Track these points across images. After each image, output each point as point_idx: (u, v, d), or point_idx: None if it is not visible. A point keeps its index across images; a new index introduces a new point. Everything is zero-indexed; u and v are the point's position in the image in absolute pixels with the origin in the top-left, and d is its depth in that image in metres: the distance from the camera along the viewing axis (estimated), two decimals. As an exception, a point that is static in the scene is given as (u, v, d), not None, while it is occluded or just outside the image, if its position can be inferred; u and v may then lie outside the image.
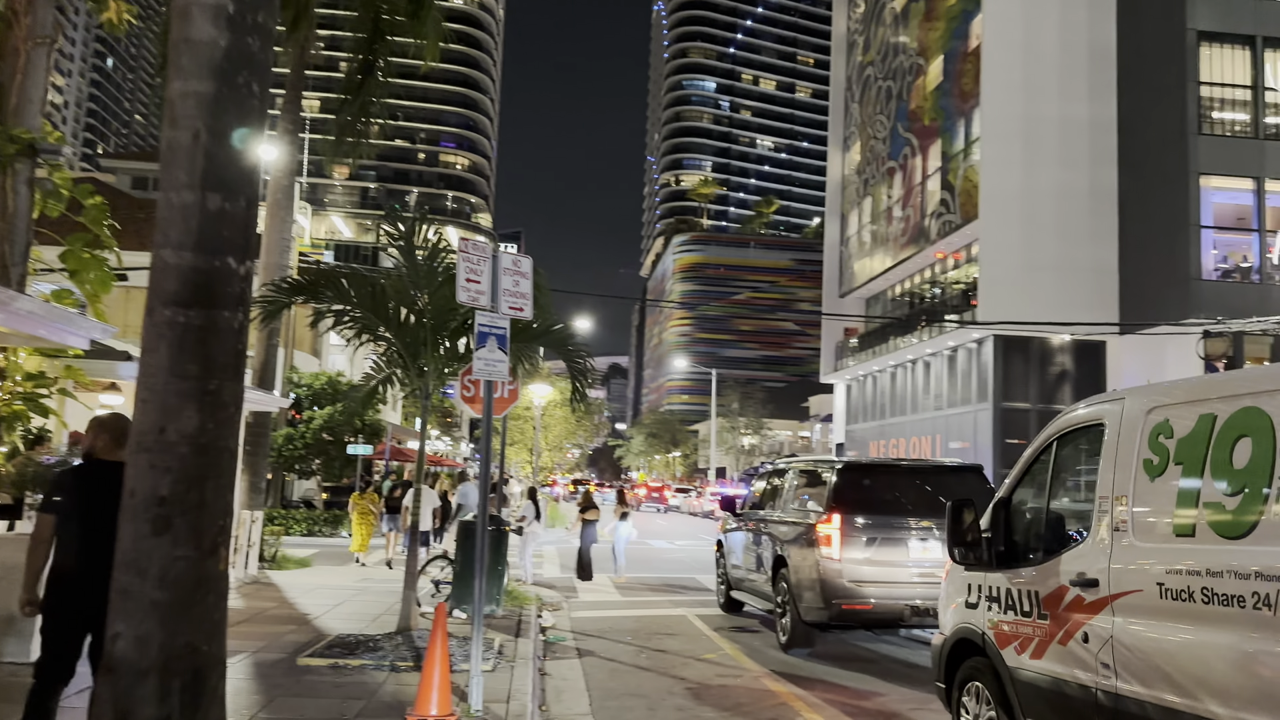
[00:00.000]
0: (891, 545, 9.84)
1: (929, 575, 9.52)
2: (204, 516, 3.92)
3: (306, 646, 8.87)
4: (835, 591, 9.65)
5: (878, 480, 10.79)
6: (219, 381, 3.90)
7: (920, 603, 9.54)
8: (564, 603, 14.09)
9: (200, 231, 3.88)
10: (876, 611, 9.67)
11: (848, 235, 58.20)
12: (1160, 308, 35.32)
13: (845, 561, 9.69)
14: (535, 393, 33.23)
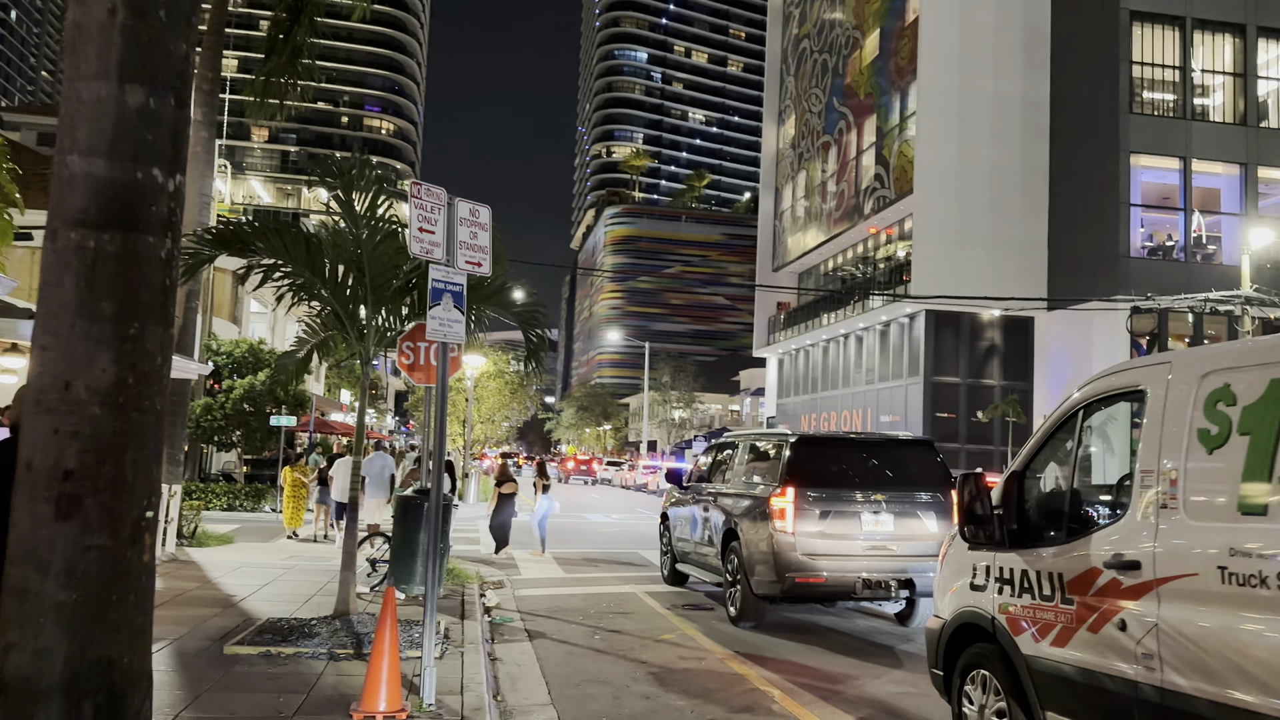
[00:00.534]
0: (844, 518, 9.81)
1: (881, 548, 9.69)
2: (123, 495, 3.15)
3: (234, 633, 8.12)
4: (789, 565, 9.59)
5: (830, 453, 10.73)
6: (141, 324, 3.12)
7: (872, 575, 9.58)
8: (506, 581, 13.48)
9: (117, 133, 3.08)
10: (829, 585, 9.66)
11: (781, 209, 58.11)
12: (1089, 284, 35.88)
13: (799, 535, 9.64)
14: (469, 364, 32.35)
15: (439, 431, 6.67)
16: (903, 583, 9.66)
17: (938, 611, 5.80)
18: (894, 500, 9.92)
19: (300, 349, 9.37)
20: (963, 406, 39.95)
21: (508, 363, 36.16)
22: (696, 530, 12.12)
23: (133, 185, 3.12)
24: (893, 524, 9.83)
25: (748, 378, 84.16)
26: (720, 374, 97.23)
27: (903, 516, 9.91)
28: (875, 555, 9.69)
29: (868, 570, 9.61)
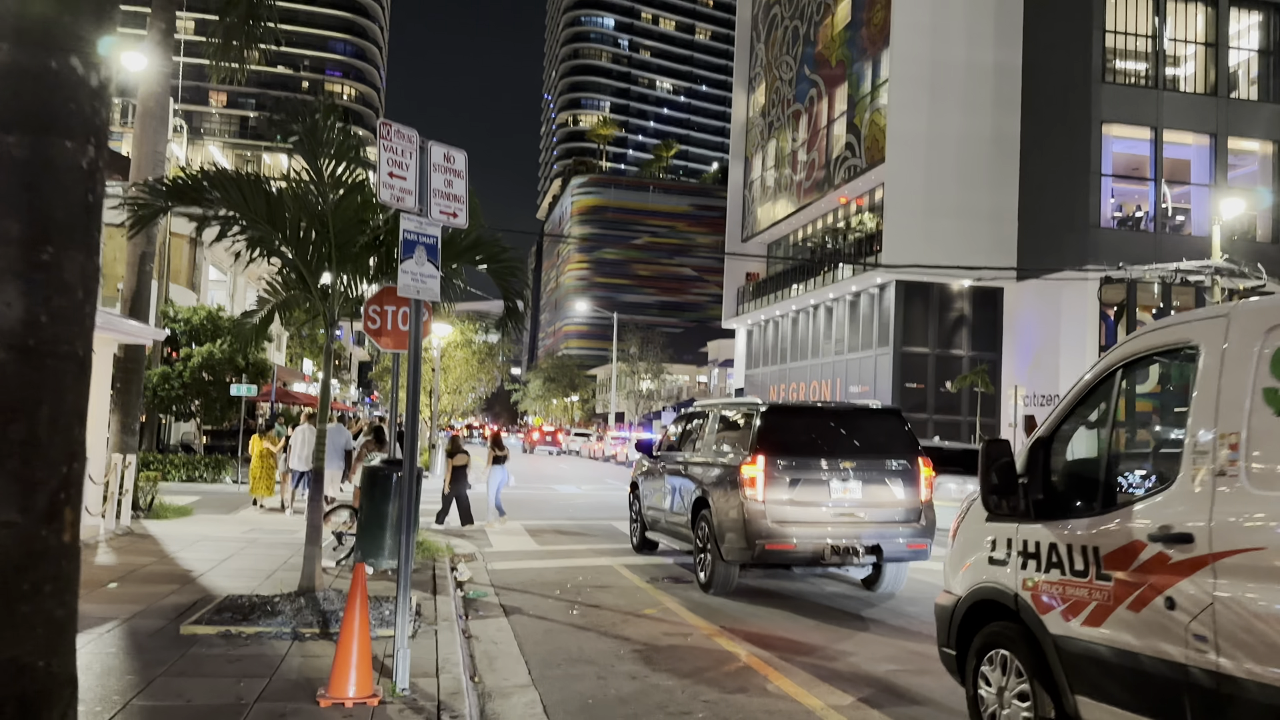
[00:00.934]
0: (813, 486, 9.91)
1: (849, 515, 9.85)
2: (35, 461, 2.62)
3: (192, 610, 7.62)
4: (759, 532, 9.66)
5: (800, 422, 10.81)
6: (57, 250, 2.57)
7: (840, 542, 9.72)
8: (478, 554, 13.04)
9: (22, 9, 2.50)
10: (799, 551, 9.76)
11: (751, 179, 57.63)
12: (1058, 254, 35.84)
13: (768, 502, 9.73)
14: (435, 332, 31.70)
15: (412, 398, 6.18)
16: (870, 548, 9.81)
17: (948, 587, 5.44)
18: (862, 468, 10.04)
19: (259, 310, 8.79)
20: (931, 377, 39.95)
21: (475, 332, 35.48)
22: (667, 499, 12.13)
23: (45, 76, 2.56)
24: (860, 491, 9.96)
25: (716, 349, 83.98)
26: (688, 345, 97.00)
27: (870, 484, 10.04)
28: (843, 522, 9.84)
29: (836, 537, 9.74)
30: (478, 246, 8.10)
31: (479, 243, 8.10)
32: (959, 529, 5.41)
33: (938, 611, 5.51)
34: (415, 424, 6.15)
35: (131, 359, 15.23)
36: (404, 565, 5.92)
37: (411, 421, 6.15)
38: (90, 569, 9.61)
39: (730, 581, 10.22)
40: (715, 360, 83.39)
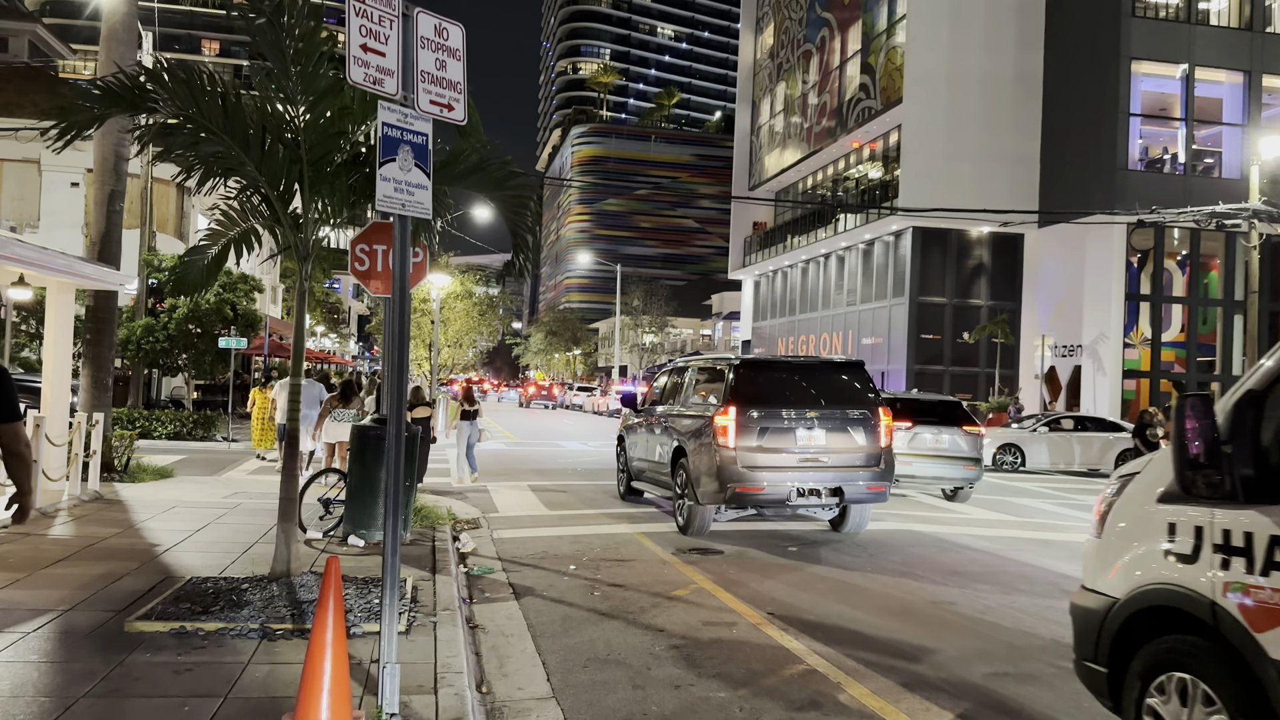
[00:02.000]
0: (780, 434, 10.62)
1: (813, 460, 10.63)
2: None
3: (145, 599, 6.43)
4: (730, 476, 10.40)
5: (769, 376, 11.36)
6: None
7: (805, 485, 10.51)
8: (483, 519, 11.86)
9: None
10: (767, 494, 10.49)
11: (759, 124, 55.83)
12: (1083, 199, 34.32)
13: (739, 449, 10.46)
14: (434, 282, 30.38)
15: (396, 345, 4.91)
16: (833, 490, 10.61)
17: (1092, 584, 4.21)
18: (825, 417, 10.77)
19: (212, 243, 7.47)
20: (948, 328, 38.64)
21: (476, 283, 34.14)
22: (650, 449, 12.87)
23: None
24: (824, 438, 10.69)
25: (720, 301, 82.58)
26: (691, 298, 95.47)
27: (833, 432, 10.75)
28: (808, 467, 10.59)
29: (801, 480, 10.51)
30: (482, 169, 6.73)
31: (484, 164, 6.73)
32: (1111, 512, 4.16)
33: (1076, 615, 4.28)
34: (402, 375, 4.87)
35: (102, 308, 13.96)
36: (390, 559, 4.68)
37: (397, 372, 4.88)
38: (40, 544, 8.42)
39: (706, 524, 10.95)
40: (720, 313, 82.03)
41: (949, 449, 15.40)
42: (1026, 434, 23.27)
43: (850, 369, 11.59)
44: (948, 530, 11.96)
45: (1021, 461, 22.85)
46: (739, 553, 9.78)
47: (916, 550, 10.23)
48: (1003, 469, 22.64)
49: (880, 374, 39.97)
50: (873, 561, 9.52)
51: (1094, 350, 34.34)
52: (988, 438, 23.26)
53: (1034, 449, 23.04)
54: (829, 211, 45.76)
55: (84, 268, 10.51)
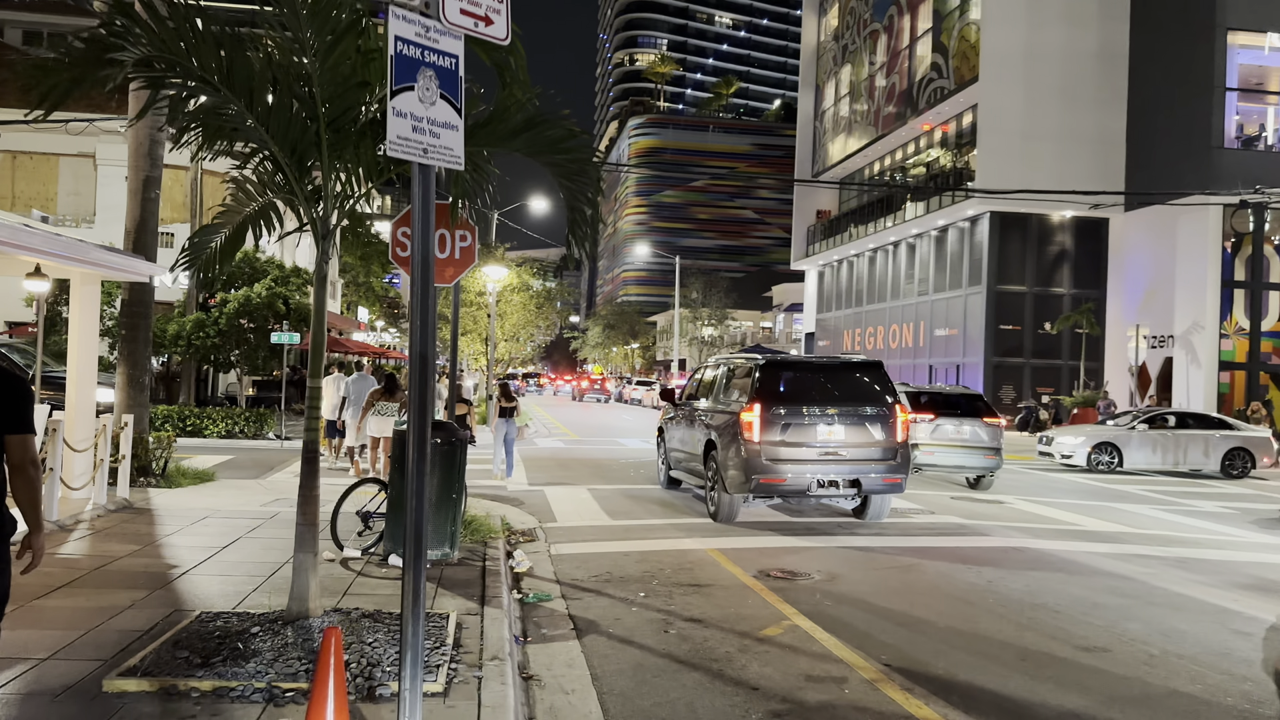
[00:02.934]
0: (802, 429, 11.30)
1: (833, 454, 11.28)
2: None
3: (140, 642, 5.42)
4: (755, 468, 11.15)
5: (792, 375, 12.06)
6: None
7: (824, 476, 11.18)
8: (539, 530, 10.77)
9: None
10: (789, 484, 11.21)
11: (823, 109, 54.07)
12: (1174, 179, 32.18)
13: (764, 443, 11.19)
14: (489, 275, 29.43)
15: (422, 335, 3.77)
16: (850, 482, 11.25)
17: None
18: (844, 414, 11.43)
19: (222, 224, 6.42)
20: (1029, 318, 36.69)
21: (533, 276, 33.13)
22: (686, 441, 13.64)
23: None
24: (843, 433, 11.35)
25: (781, 293, 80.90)
26: (750, 290, 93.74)
27: (851, 427, 11.39)
28: (828, 460, 11.25)
29: (821, 473, 11.20)
30: (533, 127, 5.55)
31: (535, 121, 5.55)
32: None
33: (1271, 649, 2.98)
34: (428, 369, 3.74)
35: (137, 302, 13.17)
36: (412, 609, 3.53)
37: (421, 366, 3.74)
38: (45, 565, 7.48)
39: (734, 512, 11.68)
40: (780, 305, 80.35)
41: (970, 439, 16.37)
42: (1124, 432, 21.53)
43: (868, 368, 12.23)
44: (1065, 547, 10.55)
45: (1118, 462, 21.15)
46: (830, 576, 8.51)
47: (1039, 575, 8.86)
48: (1098, 470, 20.96)
49: (955, 367, 38.17)
50: (992, 590, 8.19)
51: (1187, 341, 32.23)
52: (1081, 436, 21.65)
53: (1132, 448, 21.31)
54: (898, 197, 43.95)
55: (105, 256, 9.61)
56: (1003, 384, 36.37)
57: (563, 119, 5.55)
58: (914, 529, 11.34)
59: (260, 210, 6.21)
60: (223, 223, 6.34)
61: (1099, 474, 20.69)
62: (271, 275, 22.63)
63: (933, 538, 10.70)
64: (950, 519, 12.34)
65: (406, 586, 3.75)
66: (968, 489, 16.00)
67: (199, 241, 6.33)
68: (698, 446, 12.75)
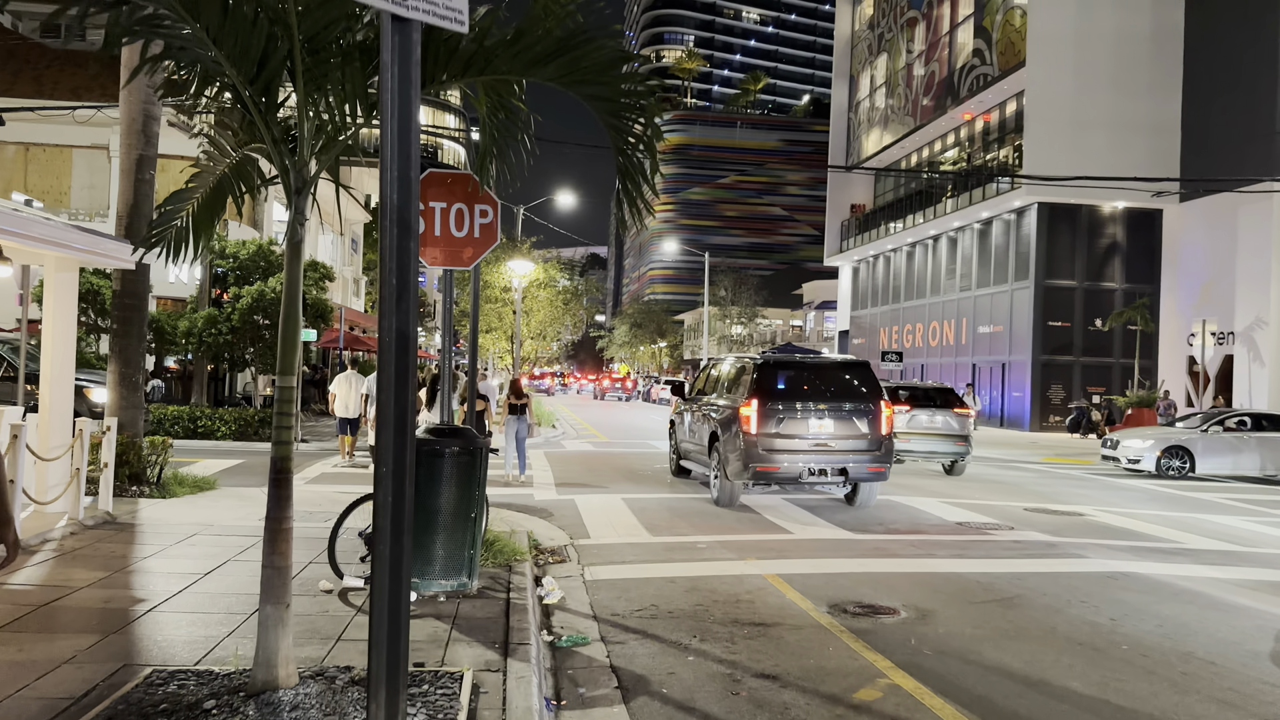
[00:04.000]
0: (795, 422, 12.31)
1: (823, 445, 12.26)
2: None
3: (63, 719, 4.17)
4: (752, 457, 12.16)
5: (786, 373, 12.98)
6: None
7: (815, 466, 12.15)
8: (571, 549, 9.49)
9: None
10: (783, 472, 12.20)
11: (857, 100, 52.47)
12: (1233, 167, 30.43)
13: (760, 435, 12.20)
14: (514, 270, 28.24)
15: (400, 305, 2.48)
16: (839, 470, 12.21)
17: None
18: (833, 409, 12.45)
19: (199, 186, 5.18)
20: (1079, 314, 35.01)
21: (559, 272, 31.90)
22: (693, 433, 14.70)
23: None
24: (832, 427, 12.36)
25: (812, 290, 79.22)
26: (780, 288, 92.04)
27: (840, 421, 12.40)
28: (818, 450, 12.24)
29: (812, 462, 12.16)
30: (572, 47, 4.24)
31: (575, 39, 4.24)
32: None
33: None
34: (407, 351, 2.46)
35: (130, 293, 12.03)
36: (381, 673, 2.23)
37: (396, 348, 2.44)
38: (-12, 598, 6.29)
39: (735, 497, 12.70)
40: (811, 303, 78.67)
41: (943, 428, 18.27)
42: (1195, 435, 19.98)
43: (856, 368, 13.28)
44: (1177, 571, 9.12)
45: (1190, 467, 19.60)
46: (920, 613, 7.16)
47: (1166, 611, 7.46)
48: (1168, 475, 19.44)
49: (1001, 366, 36.57)
50: (1119, 631, 6.80)
51: (1249, 337, 30.48)
52: (1150, 439, 20.14)
53: (1205, 452, 19.76)
54: (938, 190, 42.36)
55: (76, 237, 8.43)
56: (1051, 383, 34.73)
57: (612, 34, 4.23)
58: (999, 549, 9.95)
59: (236, 168, 4.97)
60: (196, 186, 5.11)
61: (1169, 479, 19.19)
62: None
63: (1024, 560, 9.31)
64: (1033, 535, 10.94)
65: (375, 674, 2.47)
66: (1040, 502, 14.58)
67: (168, 211, 5.11)
68: (703, 437, 13.90)
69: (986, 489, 15.89)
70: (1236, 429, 20.17)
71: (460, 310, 34.94)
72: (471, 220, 7.70)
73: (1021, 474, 19.43)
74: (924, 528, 11.21)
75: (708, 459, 13.53)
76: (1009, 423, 35.64)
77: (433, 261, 7.69)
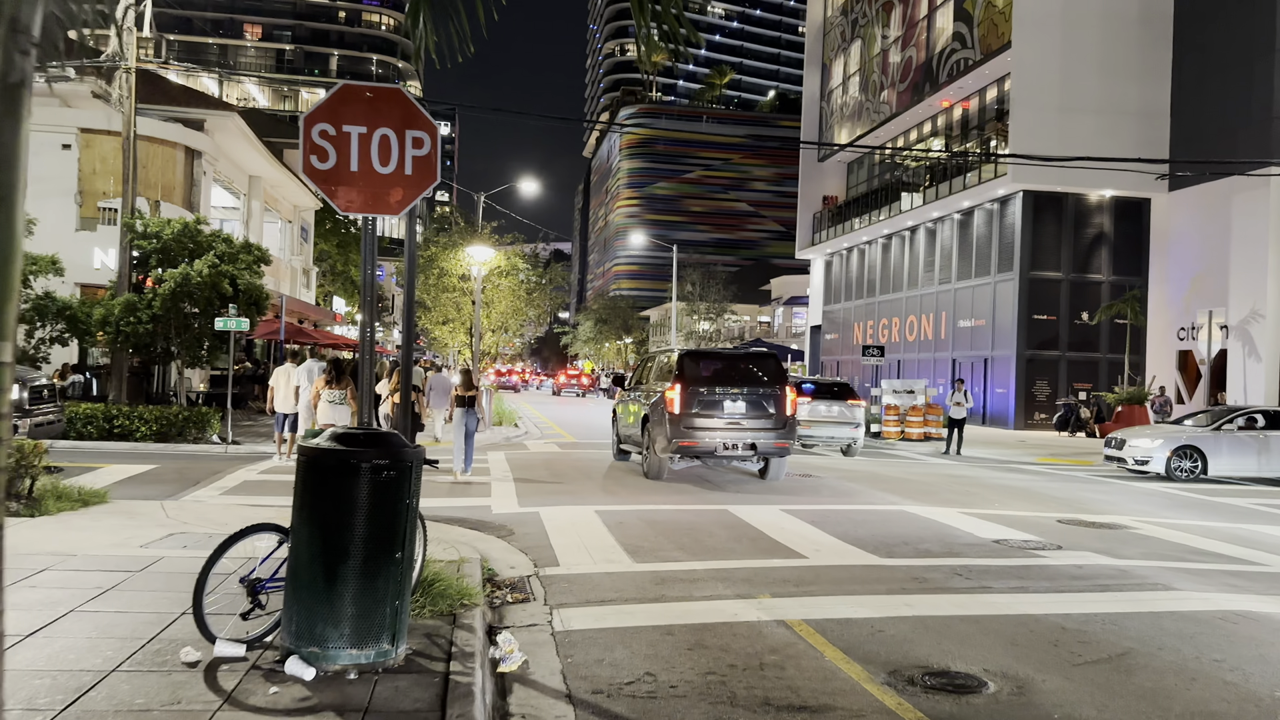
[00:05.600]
0: (712, 404, 14.24)
1: (735, 424, 14.26)
2: None
3: None
4: (675, 434, 14.09)
5: (705, 362, 14.88)
6: None
7: (728, 441, 14.13)
8: (535, 580, 7.55)
9: None
10: (701, 446, 14.10)
11: (830, 88, 50.86)
12: (1227, 153, 29.13)
13: (682, 415, 14.09)
14: (474, 256, 26.14)
15: None
16: (749, 445, 14.16)
17: None
18: (745, 393, 14.37)
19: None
20: (1064, 307, 33.58)
21: (523, 259, 29.78)
22: (630, 417, 16.23)
23: None
24: (744, 408, 14.32)
25: (780, 286, 77.69)
26: (746, 284, 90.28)
27: (750, 403, 14.35)
28: (731, 429, 14.22)
29: (726, 439, 14.12)
30: None
31: None
32: None
33: None
34: None
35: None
36: None
37: None
38: None
39: (662, 470, 14.43)
40: (780, 298, 77.13)
41: (838, 416, 21.09)
42: (1209, 434, 18.48)
43: (765, 359, 15.15)
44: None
45: (1203, 469, 18.08)
46: (1016, 684, 5.28)
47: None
48: (1176, 477, 17.90)
49: (983, 361, 35.07)
50: None
51: (1244, 331, 29.17)
52: (1159, 438, 18.59)
53: (1219, 453, 18.25)
54: (916, 179, 40.82)
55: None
56: (1036, 379, 33.28)
57: None
58: (1062, 577, 8.13)
59: None
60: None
61: (1178, 482, 17.68)
62: (217, 250, 19.30)
63: (1103, 596, 7.49)
64: (1092, 558, 9.14)
65: None
66: (1068, 511, 12.87)
67: None
68: (637, 420, 15.65)
69: (1001, 496, 14.16)
70: (1249, 427, 18.68)
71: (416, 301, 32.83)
72: (402, 151, 5.74)
73: (1024, 476, 17.81)
74: (959, 548, 9.38)
75: (640, 439, 15.33)
76: (992, 420, 34.16)
77: (347, 206, 5.70)
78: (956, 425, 23.23)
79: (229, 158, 31.33)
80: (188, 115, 28.09)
